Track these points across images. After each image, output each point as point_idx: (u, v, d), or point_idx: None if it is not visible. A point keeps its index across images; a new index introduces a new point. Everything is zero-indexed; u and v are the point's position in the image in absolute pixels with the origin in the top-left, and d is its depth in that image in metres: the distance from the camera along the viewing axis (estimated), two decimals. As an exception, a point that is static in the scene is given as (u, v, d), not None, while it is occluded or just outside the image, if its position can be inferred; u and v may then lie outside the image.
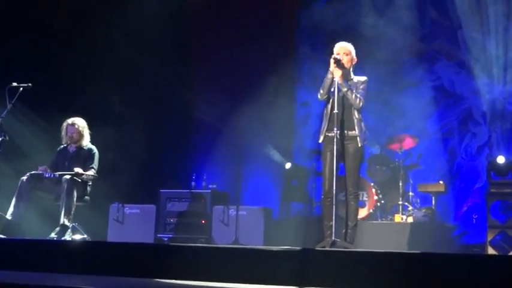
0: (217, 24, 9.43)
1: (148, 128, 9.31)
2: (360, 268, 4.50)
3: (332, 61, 5.93)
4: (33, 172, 7.08)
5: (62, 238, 6.63)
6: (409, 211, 8.09)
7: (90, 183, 7.30)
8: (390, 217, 8.10)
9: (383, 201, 8.30)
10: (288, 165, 9.08)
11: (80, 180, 7.09)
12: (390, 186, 8.45)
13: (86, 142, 7.42)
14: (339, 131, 5.85)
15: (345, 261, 4.60)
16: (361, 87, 6.04)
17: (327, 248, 5.43)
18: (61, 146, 7.52)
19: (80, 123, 7.41)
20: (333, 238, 5.59)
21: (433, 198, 8.24)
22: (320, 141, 6.07)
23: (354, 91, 5.97)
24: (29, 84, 6.82)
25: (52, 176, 7.09)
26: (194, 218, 8.15)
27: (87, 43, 8.83)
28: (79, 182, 7.07)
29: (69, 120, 7.41)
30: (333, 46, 6.17)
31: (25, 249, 5.49)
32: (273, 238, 7.67)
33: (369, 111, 6.95)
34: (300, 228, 7.77)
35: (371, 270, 4.48)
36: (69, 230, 6.78)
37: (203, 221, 8.11)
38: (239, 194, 8.26)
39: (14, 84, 6.78)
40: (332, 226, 5.67)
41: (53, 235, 6.69)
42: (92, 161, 7.30)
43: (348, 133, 5.97)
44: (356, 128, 5.97)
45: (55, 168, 7.25)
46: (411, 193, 8.32)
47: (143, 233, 8.14)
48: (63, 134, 7.44)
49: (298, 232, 7.55)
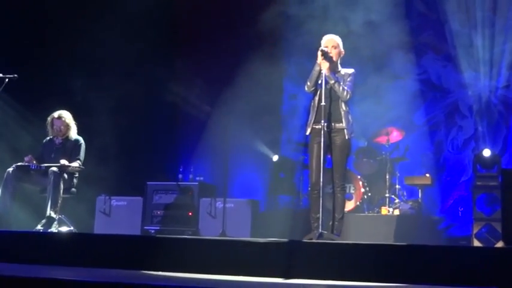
0: (204, 17, 9.40)
1: (135, 120, 9.27)
2: (347, 260, 4.53)
3: (319, 53, 5.93)
4: (19, 164, 7.05)
5: (49, 230, 6.60)
6: (396, 204, 8.13)
7: (76, 175, 7.27)
8: (377, 209, 8.14)
9: (370, 193, 8.33)
10: (276, 157, 9.09)
11: (66, 172, 7.06)
12: (377, 178, 8.48)
13: (73, 133, 7.39)
14: (326, 124, 5.85)
15: (332, 253, 4.62)
16: (348, 79, 6.05)
17: (314, 240, 5.44)
18: (47, 138, 7.48)
19: (66, 115, 7.37)
20: (320, 230, 5.60)
21: (420, 191, 8.28)
22: (307, 133, 6.08)
23: (342, 83, 5.98)
24: (15, 75, 6.76)
25: (38, 168, 7.06)
26: (181, 210, 8.14)
27: (73, 34, 8.76)
28: (65, 174, 7.04)
29: (54, 113, 7.36)
30: (321, 38, 6.17)
31: (11, 241, 5.47)
32: (260, 230, 7.67)
33: (356, 104, 6.96)
34: (287, 220, 7.77)
35: (357, 262, 4.51)
36: (55, 222, 6.76)
37: (190, 213, 8.11)
38: (226, 187, 8.25)
39: (0, 75, 6.73)
40: (319, 218, 5.68)
41: (39, 227, 6.66)
42: (78, 153, 7.27)
43: (335, 125, 5.98)
44: (343, 121, 5.98)
45: (41, 160, 7.21)
46: (398, 186, 8.35)
47: (130, 225, 8.12)
48: (48, 127, 7.39)
49: (285, 224, 7.56)
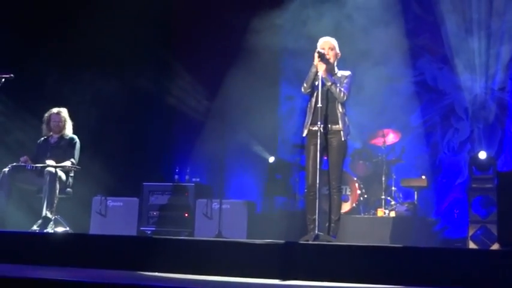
0: (200, 19, 9.39)
1: (131, 121, 9.28)
2: (343, 261, 4.54)
3: (316, 55, 5.94)
4: (14, 164, 7.05)
5: (45, 230, 6.60)
6: (392, 205, 8.14)
7: (72, 174, 7.27)
8: (373, 211, 8.15)
9: (366, 195, 8.34)
10: (272, 159, 9.09)
11: (62, 171, 7.06)
12: (373, 180, 8.49)
13: (68, 131, 7.40)
14: (323, 125, 5.87)
15: (328, 254, 4.63)
16: (345, 81, 6.06)
17: (310, 242, 5.44)
18: (41, 139, 7.49)
19: (65, 112, 7.43)
20: (316, 232, 5.61)
21: (416, 193, 8.29)
22: (304, 135, 6.09)
23: (338, 85, 5.99)
24: (11, 75, 6.75)
25: (34, 168, 7.05)
26: (177, 211, 8.14)
27: (69, 34, 8.75)
28: (62, 174, 7.04)
29: (53, 109, 7.40)
30: (317, 40, 6.19)
31: (7, 241, 5.46)
32: (256, 232, 7.66)
33: (352, 105, 6.96)
34: (283, 222, 7.78)
35: (354, 263, 4.52)
36: (51, 223, 6.76)
37: (186, 214, 8.10)
38: (222, 188, 8.25)
39: (-4, 75, 6.72)
40: (315, 220, 5.69)
41: (35, 227, 6.66)
42: (72, 151, 7.27)
43: (332, 127, 5.99)
44: (340, 122, 5.99)
45: (37, 160, 7.21)
46: (394, 188, 8.36)
47: (126, 226, 8.11)
48: (44, 125, 7.40)
49: (281, 226, 7.56)
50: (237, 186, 9.22)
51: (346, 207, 7.96)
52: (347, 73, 6.14)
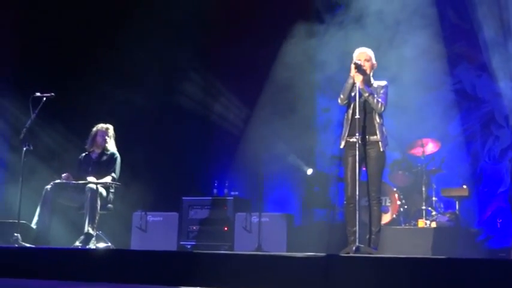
0: (236, 30, 9.44)
1: (169, 136, 9.35)
2: (385, 274, 4.48)
3: (353, 66, 5.93)
4: (57, 181, 7.16)
5: (87, 246, 6.68)
6: (433, 216, 8.03)
7: (112, 190, 7.35)
8: (414, 222, 8.04)
9: (406, 206, 8.25)
10: (310, 171, 9.06)
11: (104, 188, 7.15)
12: (413, 191, 8.40)
13: (110, 147, 7.50)
14: (361, 136, 5.84)
15: (370, 267, 4.58)
16: (381, 91, 6.03)
17: (352, 254, 5.40)
18: (83, 154, 7.60)
19: (112, 129, 7.56)
20: (357, 244, 5.56)
21: (457, 202, 8.17)
22: (341, 146, 6.06)
23: (376, 96, 5.96)
24: (52, 94, 6.90)
25: (75, 185, 7.15)
26: (217, 225, 8.16)
27: (108, 53, 8.89)
28: (103, 191, 7.13)
29: (103, 125, 7.54)
30: (352, 51, 6.17)
31: (50, 257, 5.54)
32: (296, 244, 7.64)
33: (390, 115, 6.91)
34: (323, 234, 7.73)
35: (396, 275, 4.46)
36: (93, 239, 6.83)
37: (226, 228, 8.12)
38: (261, 201, 8.25)
39: (38, 94, 6.86)
40: (356, 232, 5.66)
41: (78, 243, 6.75)
42: (113, 167, 7.36)
43: (370, 138, 5.96)
44: (378, 133, 5.96)
45: (78, 176, 7.31)
46: (434, 198, 8.25)
47: (166, 241, 8.17)
48: (90, 139, 7.51)
49: (321, 238, 7.52)
50: (276, 199, 9.21)
51: (386, 218, 7.89)
52: (383, 83, 6.10)
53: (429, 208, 8.11)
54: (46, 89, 6.93)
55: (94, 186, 7.00)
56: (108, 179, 7.24)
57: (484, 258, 6.90)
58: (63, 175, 7.20)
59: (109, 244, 7.05)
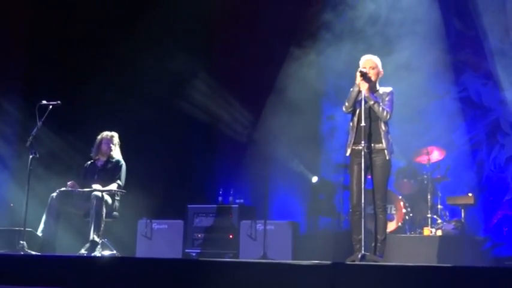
0: (241, 38, 9.47)
1: (175, 144, 9.37)
2: (391, 282, 4.47)
3: (358, 74, 5.93)
4: (62, 189, 7.17)
5: (92, 254, 6.69)
6: (438, 224, 8.02)
7: (118, 197, 7.36)
8: (419, 230, 8.03)
9: (411, 214, 8.23)
10: (315, 179, 9.05)
11: (109, 195, 7.16)
12: (418, 199, 8.38)
13: (115, 155, 7.51)
14: (366, 144, 5.83)
15: (375, 275, 4.57)
16: (386, 99, 6.02)
17: (357, 262, 5.39)
18: (88, 162, 7.62)
19: (116, 137, 7.58)
20: (363, 252, 5.55)
21: (462, 210, 8.15)
22: (347, 154, 6.06)
23: (381, 104, 5.96)
24: (58, 102, 6.93)
25: (81, 193, 7.16)
26: (222, 233, 8.16)
27: (114, 60, 8.93)
28: (108, 198, 7.14)
29: (107, 132, 7.55)
30: (358, 59, 6.18)
31: (55, 265, 5.54)
32: (302, 252, 7.63)
33: (396, 123, 6.91)
34: (328, 242, 7.72)
35: (401, 284, 4.45)
36: (98, 246, 6.84)
37: (231, 236, 8.11)
38: (266, 209, 8.24)
39: (44, 102, 6.89)
40: (361, 240, 5.64)
41: (83, 251, 6.75)
42: (119, 174, 7.37)
43: (375, 146, 5.95)
44: (383, 141, 5.95)
45: (84, 183, 7.33)
46: (440, 206, 8.24)
47: (171, 249, 8.17)
48: (95, 147, 7.53)
49: (326, 246, 7.51)
50: (281, 206, 9.20)
51: (391, 226, 7.87)
52: (388, 89, 6.10)
53: (435, 216, 8.10)
54: (53, 97, 6.95)
55: (99, 193, 7.01)
56: (113, 187, 7.25)
57: (490, 266, 6.88)
58: (68, 183, 7.22)
59: (114, 252, 7.05)
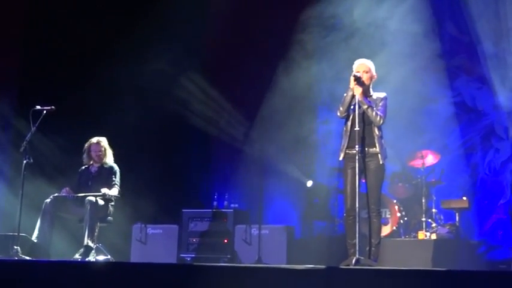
0: (236, 43, 9.48)
1: (169, 148, 9.36)
2: (385, 286, 4.48)
3: (352, 78, 5.95)
4: (56, 194, 7.16)
5: (86, 259, 6.67)
6: (433, 228, 8.03)
7: (112, 203, 7.35)
8: (414, 234, 8.04)
9: (406, 218, 8.25)
10: (310, 183, 9.06)
11: (104, 200, 7.14)
12: (413, 203, 8.40)
13: (108, 160, 7.49)
14: (360, 148, 5.84)
15: (370, 279, 4.57)
16: (380, 104, 6.04)
17: (351, 266, 5.40)
18: (82, 168, 7.60)
19: (104, 141, 7.53)
20: (357, 256, 5.56)
21: (457, 214, 8.16)
22: (341, 158, 6.07)
23: (375, 109, 5.97)
24: (52, 107, 6.92)
25: (74, 198, 7.15)
26: (217, 238, 8.15)
27: (109, 65, 8.92)
28: (102, 203, 7.13)
29: (93, 139, 7.51)
30: (352, 63, 6.19)
31: (50, 270, 5.53)
32: (296, 257, 7.63)
33: (390, 127, 6.92)
34: (323, 246, 7.73)
35: (396, 287, 4.46)
36: (93, 251, 6.82)
37: (226, 240, 8.11)
38: (261, 213, 8.24)
39: (38, 107, 6.88)
40: (355, 244, 5.65)
41: (77, 256, 6.74)
42: (115, 179, 7.36)
43: (369, 150, 5.96)
44: (377, 145, 5.97)
45: (78, 189, 7.31)
46: (434, 210, 8.25)
47: (166, 253, 8.15)
48: (85, 155, 7.51)
49: (321, 250, 7.51)
50: (276, 211, 9.20)
51: (386, 230, 7.88)
52: (382, 95, 6.11)
53: (429, 220, 8.11)
54: (47, 102, 6.94)
55: (93, 198, 7.00)
56: (114, 192, 7.23)
57: (484, 270, 6.89)
58: (63, 190, 7.20)
59: (109, 257, 7.04)
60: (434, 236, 7.84)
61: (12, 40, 9.41)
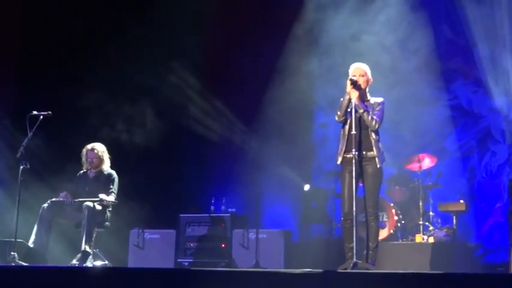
0: (232, 46, 9.48)
1: (166, 153, 9.35)
2: (383, 289, 4.48)
3: (348, 82, 5.96)
4: (53, 199, 7.15)
5: (84, 265, 6.66)
6: (430, 231, 8.04)
7: (110, 208, 7.34)
8: (411, 237, 8.05)
9: (403, 221, 8.25)
10: (307, 187, 9.06)
11: (101, 206, 7.13)
12: (410, 206, 8.40)
13: (106, 167, 7.48)
14: (357, 152, 5.85)
15: (367, 282, 4.57)
16: (377, 108, 6.05)
17: (349, 270, 5.40)
18: (80, 172, 7.59)
19: (100, 148, 7.49)
20: (355, 260, 5.56)
21: (454, 217, 8.17)
22: (338, 162, 6.07)
23: (371, 112, 5.98)
24: (49, 112, 6.91)
25: (72, 203, 7.14)
26: (214, 242, 8.13)
27: (107, 70, 8.93)
28: (99, 208, 7.12)
29: (88, 146, 7.49)
30: (348, 67, 6.20)
31: (47, 276, 5.51)
32: (294, 261, 7.63)
33: (387, 131, 6.93)
34: (321, 250, 7.72)
35: (394, 291, 4.45)
36: (90, 257, 6.81)
37: (223, 245, 8.09)
38: (258, 217, 8.23)
39: (35, 112, 6.88)
40: (353, 248, 5.65)
41: (75, 261, 6.73)
42: (112, 186, 7.35)
43: (367, 154, 5.97)
44: (374, 149, 5.97)
45: (75, 194, 7.30)
46: (432, 213, 8.26)
47: (163, 258, 8.14)
48: (83, 160, 7.51)
49: (318, 254, 7.51)
50: (273, 215, 9.20)
51: (383, 233, 7.88)
52: (379, 100, 6.12)
53: (426, 223, 8.12)
54: (44, 107, 6.94)
55: (91, 204, 6.99)
56: (111, 199, 7.22)
57: (482, 273, 6.89)
58: (60, 194, 7.19)
59: (106, 262, 7.03)
60: (431, 239, 7.84)
61: (9, 45, 9.41)
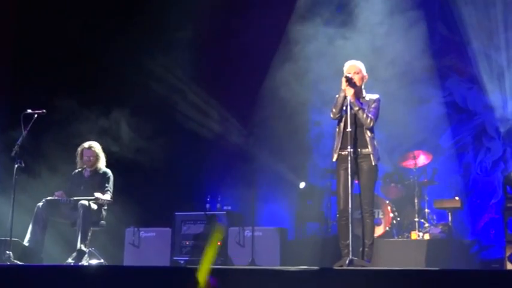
0: (226, 46, 9.48)
1: (161, 151, 9.34)
2: (379, 286, 4.48)
3: (344, 80, 5.95)
4: (49, 198, 7.12)
5: (79, 263, 6.64)
6: (426, 228, 8.05)
7: (105, 207, 7.32)
8: (407, 234, 8.06)
9: (399, 218, 8.26)
10: (302, 185, 9.06)
11: (96, 205, 7.11)
12: (405, 203, 8.42)
13: (102, 165, 7.46)
14: (353, 150, 5.85)
15: (363, 279, 4.58)
16: (373, 105, 6.04)
17: (345, 267, 5.40)
18: (75, 171, 7.55)
19: (96, 146, 7.47)
20: (350, 257, 5.56)
21: (450, 214, 8.19)
22: (334, 160, 6.07)
23: (366, 110, 5.98)
24: (43, 110, 6.89)
25: (68, 202, 7.12)
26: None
27: (102, 69, 8.91)
28: (95, 206, 7.10)
29: (85, 144, 7.46)
30: (343, 65, 6.20)
31: (42, 275, 5.50)
32: (290, 258, 7.63)
33: (382, 128, 6.93)
34: (316, 247, 7.73)
35: (389, 288, 4.46)
36: (86, 255, 6.79)
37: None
38: (254, 215, 8.24)
39: (29, 110, 6.85)
40: (349, 245, 5.65)
41: (70, 260, 6.71)
42: (108, 185, 7.33)
43: (362, 151, 5.97)
44: (369, 146, 5.97)
45: (70, 193, 7.28)
46: (427, 210, 8.28)
47: (159, 257, 8.14)
48: (78, 159, 7.48)
49: (314, 252, 7.52)
50: (269, 213, 9.20)
51: (379, 230, 7.90)
52: (375, 97, 6.12)
53: (422, 220, 8.13)
54: (39, 106, 6.91)
55: (86, 202, 6.97)
56: (107, 197, 7.20)
57: (477, 269, 6.91)
58: (56, 193, 7.16)
59: (102, 260, 7.01)
60: (427, 236, 7.86)
61: (3, 43, 9.39)
